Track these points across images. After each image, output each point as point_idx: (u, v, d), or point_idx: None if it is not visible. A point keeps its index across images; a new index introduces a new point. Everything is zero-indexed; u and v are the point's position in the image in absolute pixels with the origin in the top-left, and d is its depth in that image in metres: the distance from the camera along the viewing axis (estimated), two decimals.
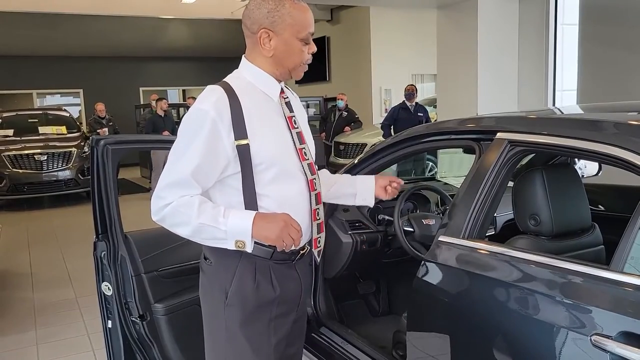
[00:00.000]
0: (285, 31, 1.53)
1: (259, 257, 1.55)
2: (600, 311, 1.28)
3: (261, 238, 1.49)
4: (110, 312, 2.32)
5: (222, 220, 1.46)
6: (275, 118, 1.59)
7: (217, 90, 1.52)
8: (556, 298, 1.37)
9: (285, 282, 1.60)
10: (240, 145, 1.48)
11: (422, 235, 2.22)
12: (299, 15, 1.53)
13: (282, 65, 1.57)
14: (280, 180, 1.55)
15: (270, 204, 1.54)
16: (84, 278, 4.58)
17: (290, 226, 1.48)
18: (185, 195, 1.48)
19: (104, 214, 2.26)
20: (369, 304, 2.86)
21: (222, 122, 1.47)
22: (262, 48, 1.55)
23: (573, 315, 1.32)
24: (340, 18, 11.96)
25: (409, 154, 2.21)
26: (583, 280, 1.35)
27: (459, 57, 6.86)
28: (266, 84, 1.59)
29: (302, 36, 1.55)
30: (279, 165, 1.55)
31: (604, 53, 5.91)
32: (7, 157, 8.37)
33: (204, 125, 1.47)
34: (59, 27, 11.99)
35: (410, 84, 8.21)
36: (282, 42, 1.54)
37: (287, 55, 1.56)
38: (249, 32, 1.57)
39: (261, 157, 1.51)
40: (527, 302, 1.43)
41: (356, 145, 8.75)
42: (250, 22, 1.55)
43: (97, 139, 2.24)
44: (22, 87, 13.64)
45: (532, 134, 1.66)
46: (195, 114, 1.50)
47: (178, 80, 15.66)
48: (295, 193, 1.59)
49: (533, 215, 1.67)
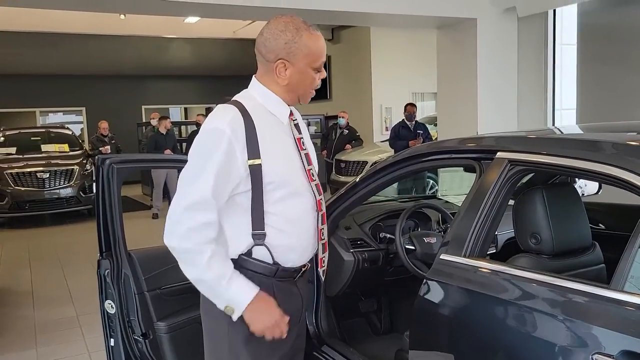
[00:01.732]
0: (301, 61, 1.56)
1: (263, 275, 1.57)
2: (601, 330, 1.29)
3: (250, 319, 1.51)
4: (113, 330, 2.32)
5: (224, 284, 1.48)
6: (285, 139, 1.62)
7: (232, 109, 1.53)
8: (558, 317, 1.38)
9: (287, 299, 1.62)
10: (252, 165, 1.50)
11: (423, 254, 2.23)
12: (314, 46, 1.56)
13: (295, 92, 1.61)
14: (289, 199, 1.57)
15: (277, 221, 1.56)
16: (85, 296, 4.58)
17: (278, 326, 1.52)
18: (204, 224, 1.47)
19: (108, 232, 2.27)
20: (371, 322, 2.85)
21: (237, 141, 1.49)
22: (278, 77, 1.57)
23: (574, 334, 1.33)
24: (341, 37, 12.09)
25: (410, 173, 2.23)
26: (584, 299, 1.36)
27: (458, 76, 6.92)
28: (277, 107, 1.62)
29: (316, 66, 1.59)
30: (289, 185, 1.57)
31: (603, 72, 5.96)
32: (10, 175, 8.40)
33: (220, 144, 1.47)
34: (62, 47, 12.13)
35: (409, 103, 8.27)
36: (297, 71, 1.57)
37: (301, 83, 1.59)
38: (263, 59, 1.59)
39: (272, 176, 1.52)
40: (528, 320, 1.43)
41: (357, 162, 8.79)
42: (266, 50, 1.56)
43: (102, 158, 2.27)
44: (26, 106, 13.73)
45: (532, 154, 1.68)
46: (211, 133, 1.50)
47: (180, 98, 15.76)
48: (303, 212, 1.61)
49: (534, 234, 1.68)
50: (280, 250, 1.58)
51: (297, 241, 1.61)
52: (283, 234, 1.57)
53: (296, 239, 1.61)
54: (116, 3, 5.42)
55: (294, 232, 1.60)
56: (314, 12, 5.82)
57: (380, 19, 7.14)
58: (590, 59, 6.12)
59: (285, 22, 1.55)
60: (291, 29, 1.54)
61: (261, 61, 1.60)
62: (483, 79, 6.63)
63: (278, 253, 1.57)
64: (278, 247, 1.57)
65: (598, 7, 5.86)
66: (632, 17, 5.55)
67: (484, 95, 6.64)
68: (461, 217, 1.76)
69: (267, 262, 1.55)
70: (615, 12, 5.70)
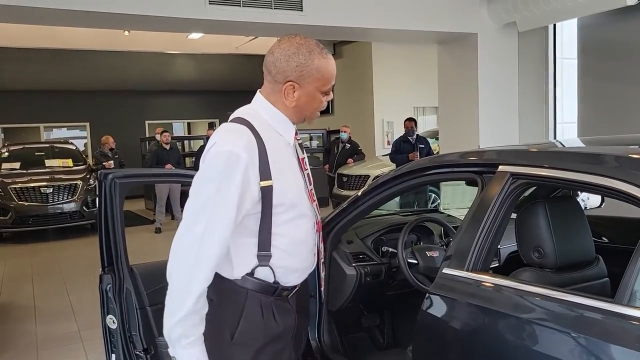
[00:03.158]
0: (310, 85, 1.52)
1: (263, 294, 1.56)
2: (605, 344, 1.28)
3: None
4: (115, 346, 2.31)
5: (183, 343, 1.42)
6: (291, 160, 1.59)
7: (245, 130, 1.47)
8: (562, 331, 1.37)
9: (283, 316, 1.61)
10: (264, 187, 1.46)
11: (426, 267, 2.22)
12: (326, 70, 1.53)
13: (301, 113, 1.58)
14: (295, 221, 1.56)
15: (284, 242, 1.54)
16: (87, 311, 4.56)
17: None
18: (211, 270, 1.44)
19: (110, 247, 2.27)
20: (374, 336, 2.83)
21: (253, 166, 1.44)
22: (285, 98, 1.54)
23: (579, 348, 1.32)
24: (343, 52, 12.18)
25: (412, 187, 2.23)
26: (588, 313, 1.35)
27: (460, 91, 6.96)
28: (284, 127, 1.58)
29: (326, 89, 1.56)
30: (297, 207, 1.55)
31: (604, 86, 5.98)
32: (13, 190, 8.43)
33: (237, 170, 1.41)
34: (67, 63, 12.23)
35: (408, 118, 8.27)
36: (306, 94, 1.53)
37: (308, 105, 1.57)
38: (271, 79, 1.54)
39: (282, 198, 1.49)
40: (531, 335, 1.43)
41: (359, 177, 8.80)
42: (276, 71, 1.52)
43: (105, 172, 2.27)
44: (30, 121, 13.81)
45: (534, 167, 1.69)
46: (227, 157, 1.42)
47: (183, 113, 15.85)
48: (306, 234, 1.61)
49: (537, 248, 1.68)
50: (282, 270, 1.56)
51: (299, 262, 1.61)
52: (288, 255, 1.56)
53: (299, 260, 1.60)
54: (120, 20, 5.47)
55: (298, 253, 1.59)
56: (315, 27, 5.88)
57: (381, 35, 7.20)
58: (590, 73, 6.14)
59: (298, 44, 1.51)
60: (304, 52, 1.50)
61: (269, 80, 1.56)
62: (484, 93, 6.66)
63: (280, 273, 1.56)
64: (281, 267, 1.56)
65: (598, 22, 5.90)
66: (632, 31, 5.58)
67: (485, 109, 6.67)
68: (463, 231, 1.75)
69: (269, 282, 1.54)
70: (615, 27, 5.73)
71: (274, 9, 5.51)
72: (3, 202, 8.30)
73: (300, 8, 5.62)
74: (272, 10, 5.51)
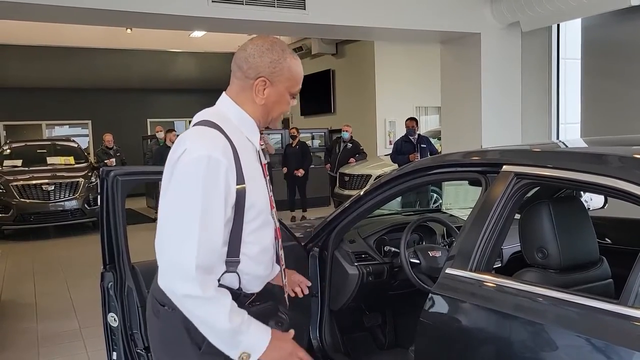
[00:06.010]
0: (281, 84, 1.52)
1: None
2: (609, 346, 1.27)
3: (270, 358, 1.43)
4: (116, 344, 2.30)
5: (244, 330, 1.39)
6: (257, 165, 1.56)
7: (218, 135, 1.43)
8: (565, 332, 1.36)
9: None
10: (239, 190, 1.43)
11: (428, 267, 2.21)
12: (296, 70, 1.55)
13: (269, 114, 1.57)
14: (262, 227, 1.54)
15: (253, 250, 1.51)
16: (88, 309, 4.57)
17: (295, 355, 1.47)
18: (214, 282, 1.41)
19: (112, 244, 2.26)
20: (376, 336, 2.83)
21: (232, 170, 1.41)
22: (255, 95, 1.52)
23: (583, 349, 1.31)
24: (345, 52, 12.17)
25: (414, 187, 2.22)
26: (592, 314, 1.34)
27: (462, 90, 6.95)
28: (250, 130, 1.55)
29: (294, 91, 1.57)
30: (263, 213, 1.53)
31: (607, 87, 5.97)
32: (15, 187, 8.43)
33: (219, 175, 1.38)
34: (69, 60, 12.26)
35: (409, 118, 8.23)
36: (275, 93, 1.53)
37: (277, 106, 1.56)
38: (242, 75, 1.53)
39: (252, 201, 1.46)
40: (535, 335, 1.42)
41: (361, 176, 8.80)
42: (248, 66, 1.51)
43: (107, 170, 2.26)
44: (32, 119, 13.83)
45: (538, 167, 1.68)
46: (206, 163, 1.37)
47: (185, 111, 15.81)
48: (270, 240, 1.59)
49: (540, 248, 1.67)
50: (249, 277, 1.53)
51: (264, 270, 1.59)
52: (255, 263, 1.53)
53: (264, 267, 1.58)
54: (123, 17, 5.47)
55: (264, 261, 1.57)
56: (318, 26, 5.87)
57: (384, 34, 7.19)
58: (594, 73, 6.13)
59: (272, 41, 1.53)
60: (277, 49, 1.51)
61: (239, 77, 1.54)
62: (487, 93, 6.65)
63: (246, 280, 1.52)
64: (248, 274, 1.52)
65: (602, 22, 5.88)
66: (636, 31, 5.57)
67: (488, 109, 6.66)
68: (467, 231, 1.75)
69: (233, 288, 1.49)
70: (619, 27, 5.72)
71: (276, 7, 5.51)
72: (5, 199, 8.31)
73: (303, 6, 5.62)
74: (274, 8, 5.50)
